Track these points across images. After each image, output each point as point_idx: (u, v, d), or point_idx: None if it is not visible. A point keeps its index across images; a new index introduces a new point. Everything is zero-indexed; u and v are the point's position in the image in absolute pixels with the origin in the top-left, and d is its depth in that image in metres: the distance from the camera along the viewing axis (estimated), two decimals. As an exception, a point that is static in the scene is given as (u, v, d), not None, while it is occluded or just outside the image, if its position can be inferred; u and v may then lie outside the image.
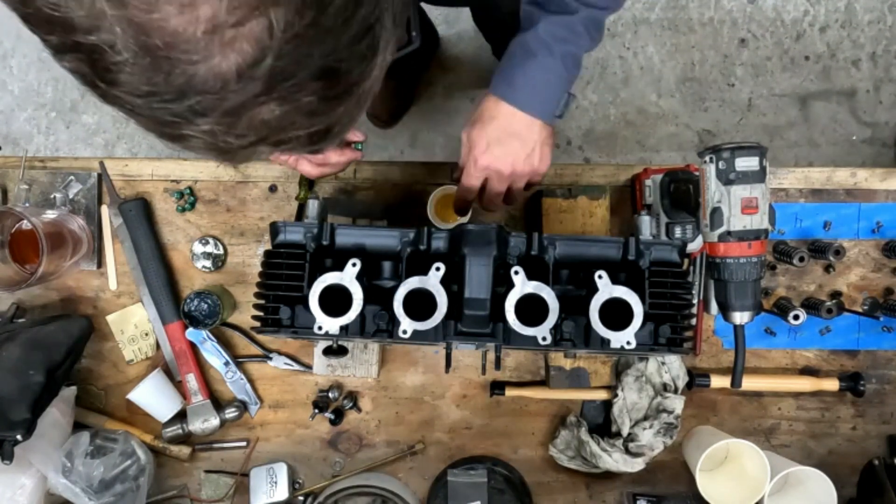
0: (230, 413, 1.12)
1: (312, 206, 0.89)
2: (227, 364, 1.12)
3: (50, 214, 1.07)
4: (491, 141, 0.92)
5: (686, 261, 1.05)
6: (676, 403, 1.06)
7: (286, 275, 0.85)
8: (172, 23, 0.36)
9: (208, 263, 1.13)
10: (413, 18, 0.79)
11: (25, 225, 1.06)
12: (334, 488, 1.11)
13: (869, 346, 1.12)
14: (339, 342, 0.88)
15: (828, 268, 1.12)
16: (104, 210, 1.14)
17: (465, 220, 1.07)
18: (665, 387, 1.08)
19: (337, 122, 0.47)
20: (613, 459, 1.06)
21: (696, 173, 0.99)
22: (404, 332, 0.80)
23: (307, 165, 0.97)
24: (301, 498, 1.13)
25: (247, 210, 1.14)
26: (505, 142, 0.92)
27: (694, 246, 1.02)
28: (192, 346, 1.12)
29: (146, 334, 1.13)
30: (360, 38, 0.42)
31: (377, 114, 1.94)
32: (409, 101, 1.97)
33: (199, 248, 1.13)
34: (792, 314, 1.02)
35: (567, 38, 0.90)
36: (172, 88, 0.39)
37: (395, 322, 0.83)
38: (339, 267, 0.82)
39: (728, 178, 0.82)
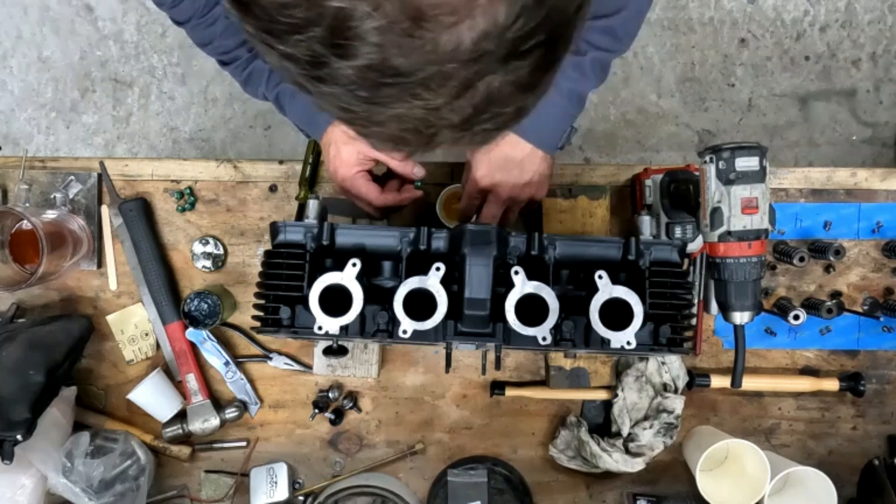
0: (230, 413, 1.12)
1: (312, 206, 0.89)
2: (227, 364, 1.12)
3: (50, 214, 1.07)
4: (492, 166, 0.94)
5: (686, 261, 1.05)
6: (676, 403, 1.06)
7: (286, 275, 0.85)
8: None
9: (208, 263, 1.13)
10: None
11: (25, 225, 1.06)
12: (334, 488, 1.11)
13: (869, 346, 1.12)
14: (339, 342, 0.88)
15: (828, 268, 1.12)
16: (104, 210, 1.14)
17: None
18: (665, 387, 1.08)
19: (523, 107, 0.47)
20: (613, 459, 1.06)
21: (696, 173, 0.99)
22: (404, 332, 0.80)
23: (374, 192, 0.97)
24: (301, 498, 1.13)
25: (247, 210, 1.14)
26: (505, 168, 0.94)
27: (694, 246, 1.02)
28: (192, 346, 1.12)
29: (146, 334, 1.13)
30: (580, 7, 0.42)
31: None
32: None
33: (199, 248, 1.13)
34: (792, 314, 1.02)
35: (573, 77, 0.91)
36: (415, 60, 0.39)
37: (395, 322, 0.83)
38: (339, 267, 0.82)
39: (728, 178, 0.82)
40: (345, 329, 0.82)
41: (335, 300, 0.81)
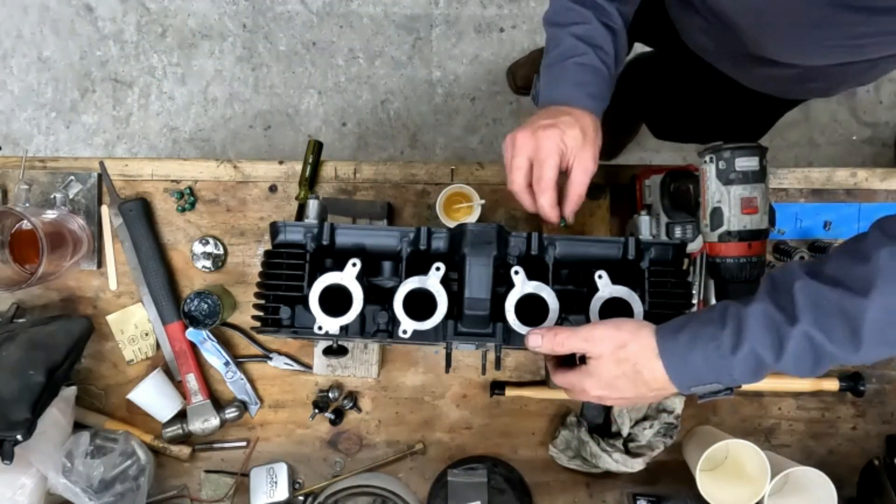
0: (230, 413, 1.12)
1: (312, 206, 0.89)
2: (227, 364, 1.12)
3: (50, 214, 1.07)
4: (612, 360, 0.74)
5: (686, 261, 1.05)
6: (676, 403, 1.06)
7: (286, 275, 0.85)
8: None
9: (208, 263, 1.13)
10: None
11: (25, 225, 1.06)
12: (334, 488, 1.11)
13: (869, 346, 1.12)
14: (339, 342, 0.88)
15: (828, 268, 1.11)
16: (104, 210, 1.14)
17: (469, 218, 1.07)
18: (665, 387, 1.08)
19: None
20: (613, 459, 1.06)
21: (696, 173, 0.99)
22: (404, 332, 0.80)
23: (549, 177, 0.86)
24: (301, 498, 1.13)
25: (247, 210, 1.14)
26: (623, 371, 0.74)
27: (694, 246, 1.02)
28: (192, 346, 1.12)
29: (146, 334, 1.13)
30: None
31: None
32: (628, 138, 1.96)
33: (199, 248, 1.13)
34: (792, 314, 1.02)
35: (762, 340, 0.67)
36: None
37: (395, 322, 0.83)
38: (339, 267, 0.82)
39: (728, 178, 0.82)
40: (345, 329, 0.83)
41: (335, 300, 0.81)
